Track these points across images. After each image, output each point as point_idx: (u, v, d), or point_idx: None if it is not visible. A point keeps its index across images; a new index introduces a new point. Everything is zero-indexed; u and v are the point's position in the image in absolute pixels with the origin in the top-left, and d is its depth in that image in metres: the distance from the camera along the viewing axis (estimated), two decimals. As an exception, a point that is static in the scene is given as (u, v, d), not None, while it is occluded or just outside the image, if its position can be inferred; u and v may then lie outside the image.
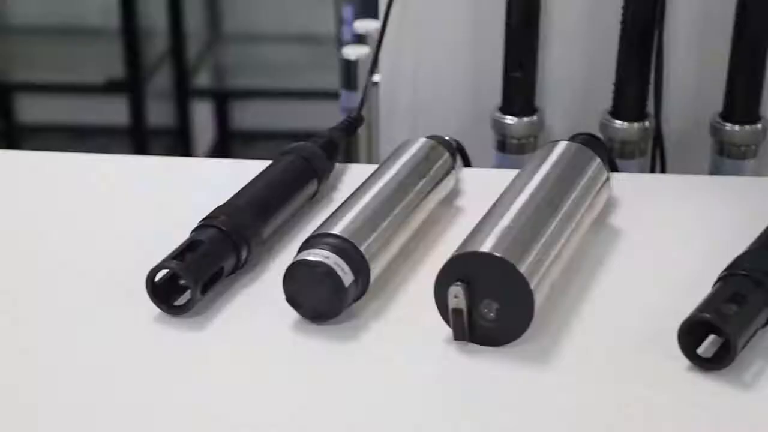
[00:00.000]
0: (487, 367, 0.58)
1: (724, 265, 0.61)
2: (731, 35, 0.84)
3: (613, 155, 0.87)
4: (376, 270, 0.63)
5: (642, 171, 0.89)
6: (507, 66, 0.88)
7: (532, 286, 0.58)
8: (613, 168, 0.85)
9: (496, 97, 0.90)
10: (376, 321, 0.62)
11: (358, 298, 0.62)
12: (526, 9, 0.85)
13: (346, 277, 0.60)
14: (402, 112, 0.94)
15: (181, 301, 0.62)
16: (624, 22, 0.84)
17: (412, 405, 0.56)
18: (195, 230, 0.65)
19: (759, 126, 0.86)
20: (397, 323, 0.62)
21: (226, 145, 2.59)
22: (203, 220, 0.65)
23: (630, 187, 0.78)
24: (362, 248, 0.62)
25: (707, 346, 0.58)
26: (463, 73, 0.92)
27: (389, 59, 0.93)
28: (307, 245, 0.62)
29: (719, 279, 0.61)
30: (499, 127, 0.89)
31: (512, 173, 0.70)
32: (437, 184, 0.72)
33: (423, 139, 0.75)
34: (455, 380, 0.58)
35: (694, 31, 0.88)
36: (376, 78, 0.96)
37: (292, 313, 0.61)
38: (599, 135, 0.85)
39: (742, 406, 0.55)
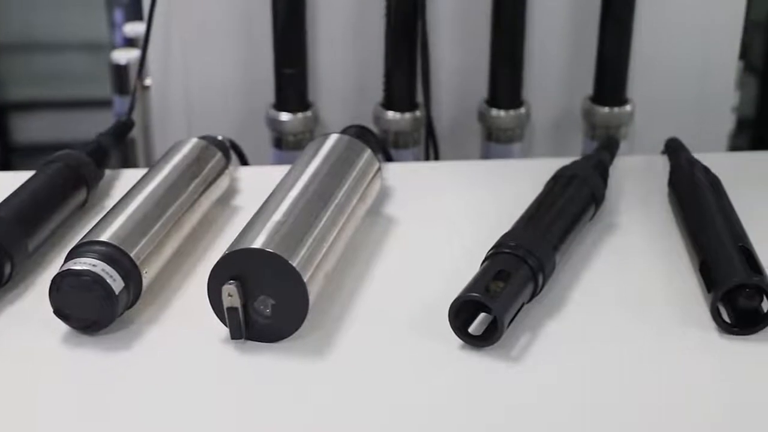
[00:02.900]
0: (265, 363, 0.58)
1: (494, 246, 0.63)
2: (490, 24, 0.87)
3: (387, 146, 0.88)
4: (149, 275, 0.62)
5: (417, 160, 0.91)
6: (278, 62, 0.88)
7: (305, 280, 0.58)
8: (388, 158, 0.86)
9: (271, 94, 0.90)
10: (152, 327, 0.61)
11: (132, 305, 0.61)
12: (292, 4, 0.85)
13: (116, 284, 0.59)
14: (176, 115, 0.93)
15: (-61, 323, 0.59)
16: (387, 15, 0.85)
17: (190, 408, 0.55)
18: (-49, 247, 0.62)
19: (522, 110, 0.90)
20: (172, 327, 0.61)
21: (8, 160, 2.48)
22: (-39, 236, 0.62)
23: (404, 176, 0.80)
24: (132, 254, 0.61)
25: (477, 324, 0.60)
26: (234, 71, 0.92)
27: (159, 61, 0.91)
28: (73, 254, 0.60)
29: (486, 258, 0.63)
30: (274, 124, 0.89)
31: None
32: (210, 184, 0.72)
33: (194, 140, 0.74)
34: (233, 379, 0.57)
35: (456, 20, 0.90)
36: (148, 81, 0.95)
37: (62, 326, 0.59)
38: (373, 127, 0.87)
39: (510, 380, 0.57)
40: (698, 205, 0.69)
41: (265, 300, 0.59)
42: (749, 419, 0.54)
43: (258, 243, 0.59)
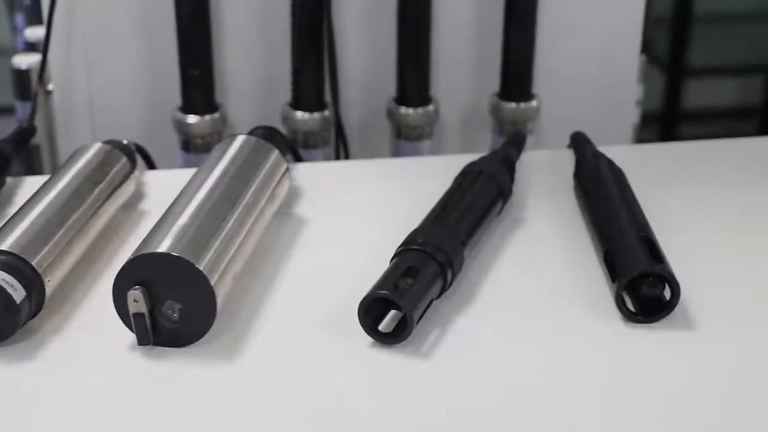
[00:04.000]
0: (174, 368, 0.57)
1: (406, 243, 0.63)
2: (396, 22, 0.87)
3: (296, 146, 0.88)
4: (52, 283, 0.61)
5: (327, 160, 0.90)
6: (183, 64, 0.87)
7: (212, 283, 0.58)
8: (298, 159, 0.86)
9: (177, 97, 0.89)
10: (56, 336, 0.60)
11: (35, 314, 0.59)
12: (196, 4, 0.84)
13: (17, 293, 0.57)
14: (80, 119, 0.91)
15: None
16: (293, 14, 0.85)
17: (99, 417, 0.54)
18: None
19: (431, 108, 0.90)
20: (78, 336, 0.60)
21: None
22: None
23: (314, 176, 0.80)
24: (34, 262, 0.59)
25: (388, 322, 0.60)
26: (139, 74, 0.90)
27: (60, 65, 0.89)
28: (-29, 265, 0.58)
29: (395, 255, 0.63)
30: (181, 127, 0.88)
31: (196, 172, 0.69)
32: (115, 189, 0.71)
33: (98, 145, 0.73)
34: (142, 386, 0.56)
35: (362, 19, 0.90)
36: (50, 86, 0.93)
37: (-38, 339, 0.58)
38: (282, 127, 0.86)
39: (420, 376, 0.57)
40: (602, 198, 0.70)
41: (172, 305, 0.58)
42: (653, 405, 0.55)
43: (163, 247, 0.58)
